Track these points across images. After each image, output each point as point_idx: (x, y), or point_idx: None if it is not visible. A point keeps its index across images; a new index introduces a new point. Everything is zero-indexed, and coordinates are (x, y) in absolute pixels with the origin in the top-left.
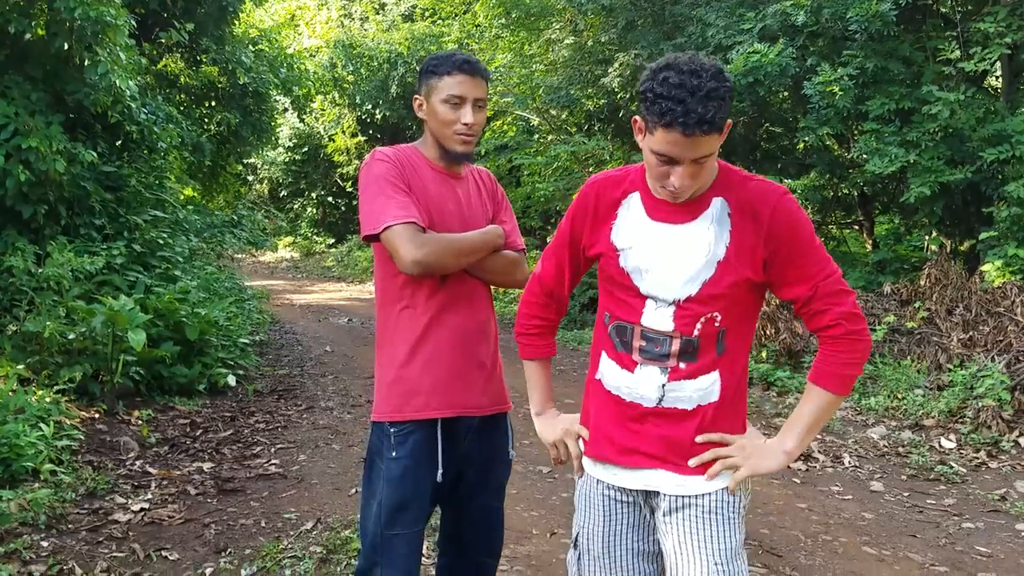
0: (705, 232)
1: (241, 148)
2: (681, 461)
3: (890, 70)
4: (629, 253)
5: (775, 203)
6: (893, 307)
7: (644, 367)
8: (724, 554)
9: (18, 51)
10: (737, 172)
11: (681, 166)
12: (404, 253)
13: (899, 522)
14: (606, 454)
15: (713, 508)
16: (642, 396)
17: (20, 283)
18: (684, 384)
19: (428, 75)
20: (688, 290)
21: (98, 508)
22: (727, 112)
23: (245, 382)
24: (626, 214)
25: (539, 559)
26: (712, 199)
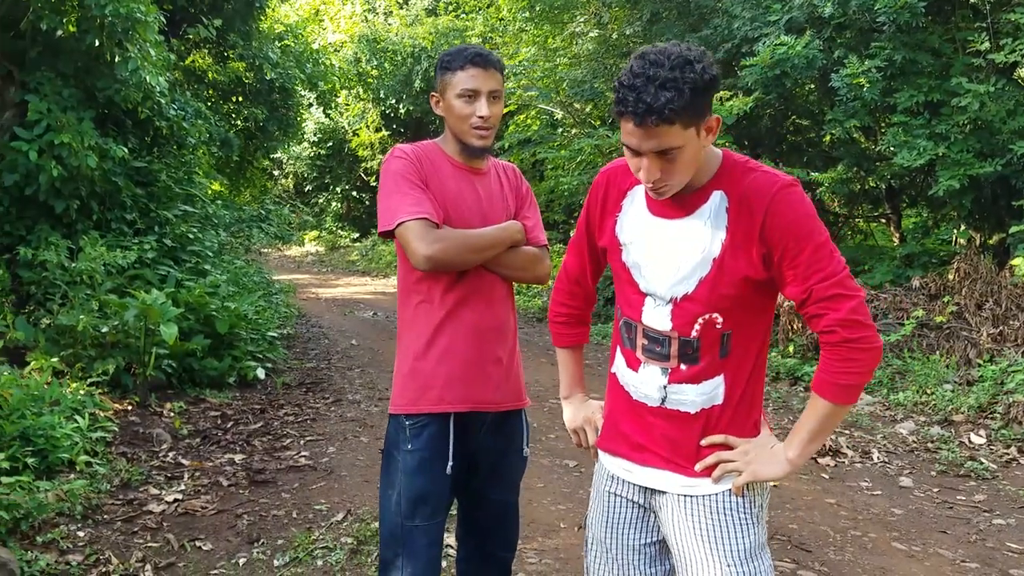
0: (701, 227)
1: (268, 143)
2: (686, 463)
3: (919, 62)
4: (630, 248)
5: (773, 195)
6: (921, 301)
7: (647, 366)
8: (737, 555)
9: (50, 48)
10: (741, 164)
11: (646, 158)
12: (416, 249)
13: (929, 518)
14: (617, 448)
15: (723, 508)
16: (646, 395)
17: (53, 277)
18: (685, 387)
19: (442, 71)
20: (684, 288)
21: (133, 499)
22: (692, 104)
23: (274, 375)
24: (630, 207)
25: (567, 552)
26: (712, 193)
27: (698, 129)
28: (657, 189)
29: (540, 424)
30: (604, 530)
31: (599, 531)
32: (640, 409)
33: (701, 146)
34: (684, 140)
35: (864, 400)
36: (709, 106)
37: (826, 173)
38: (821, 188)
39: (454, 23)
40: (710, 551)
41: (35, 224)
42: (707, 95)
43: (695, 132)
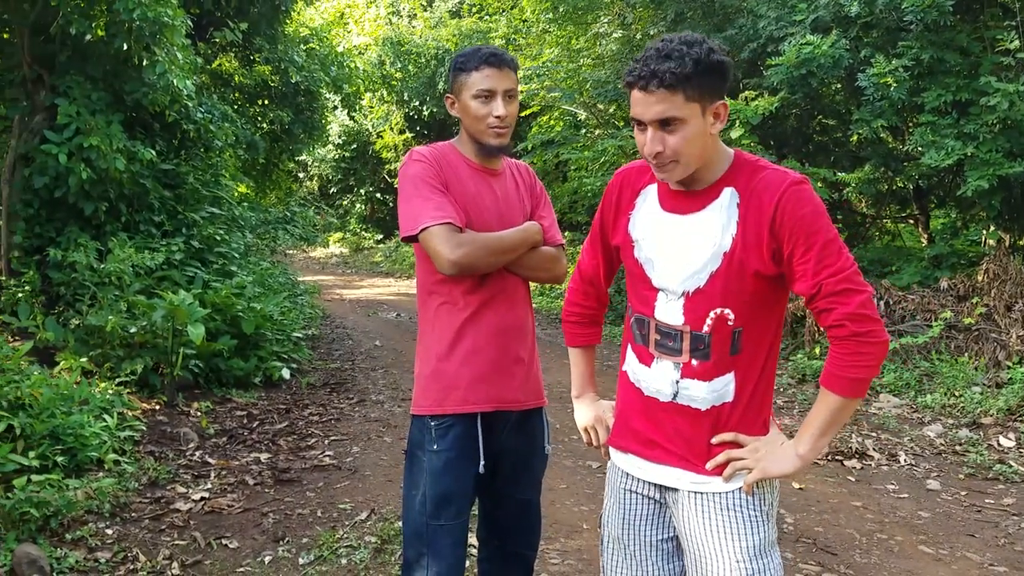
0: (712, 222)
1: (293, 145)
2: (697, 460)
3: (946, 61)
4: (642, 244)
5: (783, 191)
6: (950, 303)
7: (660, 361)
8: (747, 551)
9: (79, 52)
10: (752, 162)
11: (649, 130)
12: (441, 254)
13: (956, 521)
14: (628, 445)
15: (734, 505)
16: (658, 391)
17: (83, 278)
18: (696, 384)
19: (457, 72)
20: (695, 282)
21: (160, 497)
22: (694, 77)
23: (299, 375)
24: (643, 204)
25: (590, 552)
26: (723, 189)
27: (703, 108)
28: (660, 165)
29: (563, 425)
30: (620, 527)
31: (615, 528)
32: (652, 405)
33: (706, 129)
34: (686, 114)
35: (891, 402)
36: (717, 91)
37: (853, 173)
38: (848, 188)
39: (477, 25)
40: (721, 547)
41: (65, 226)
42: (713, 76)
43: (699, 110)
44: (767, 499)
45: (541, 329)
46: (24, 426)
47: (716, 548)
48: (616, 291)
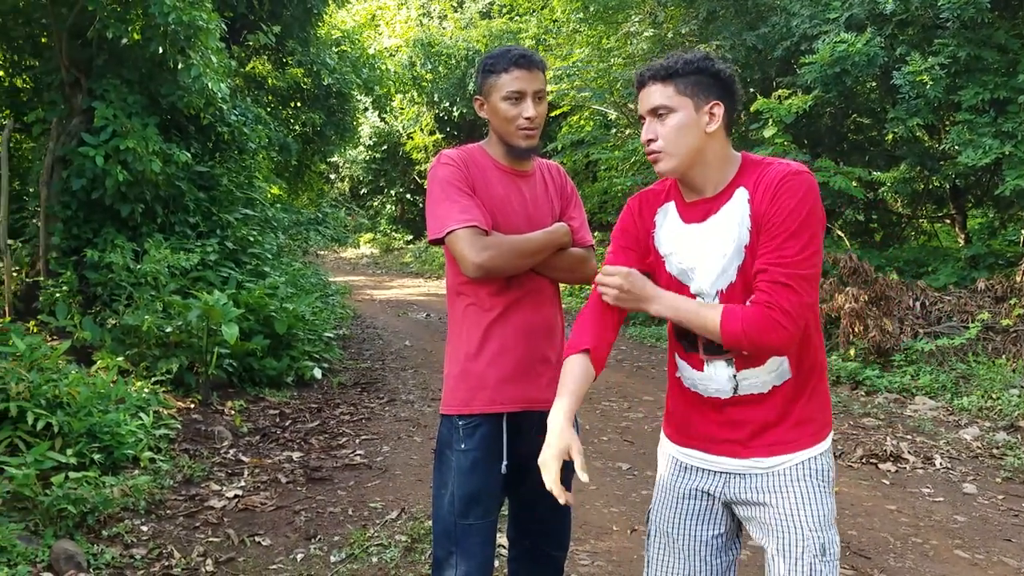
0: (729, 221)
1: (325, 147)
2: (758, 441)
3: (984, 58)
4: (671, 259)
5: (782, 177)
6: (987, 304)
7: (712, 363)
8: (819, 521)
9: (116, 56)
10: (758, 161)
11: (646, 121)
12: (466, 257)
13: (993, 525)
14: (693, 442)
15: (801, 477)
16: (717, 390)
17: (119, 279)
18: (754, 371)
19: (486, 74)
20: (727, 279)
21: (195, 494)
22: (686, 73)
23: (330, 375)
24: (663, 222)
25: (620, 555)
26: (735, 190)
27: (696, 104)
28: (653, 155)
29: (592, 426)
30: (670, 522)
31: (664, 523)
32: (714, 403)
33: (700, 126)
34: (676, 104)
35: (927, 405)
36: (710, 91)
37: (888, 172)
38: (883, 188)
39: (508, 25)
40: (794, 520)
41: (101, 227)
42: (704, 75)
43: (691, 105)
44: (829, 474)
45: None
46: (62, 424)
47: (790, 524)
48: None
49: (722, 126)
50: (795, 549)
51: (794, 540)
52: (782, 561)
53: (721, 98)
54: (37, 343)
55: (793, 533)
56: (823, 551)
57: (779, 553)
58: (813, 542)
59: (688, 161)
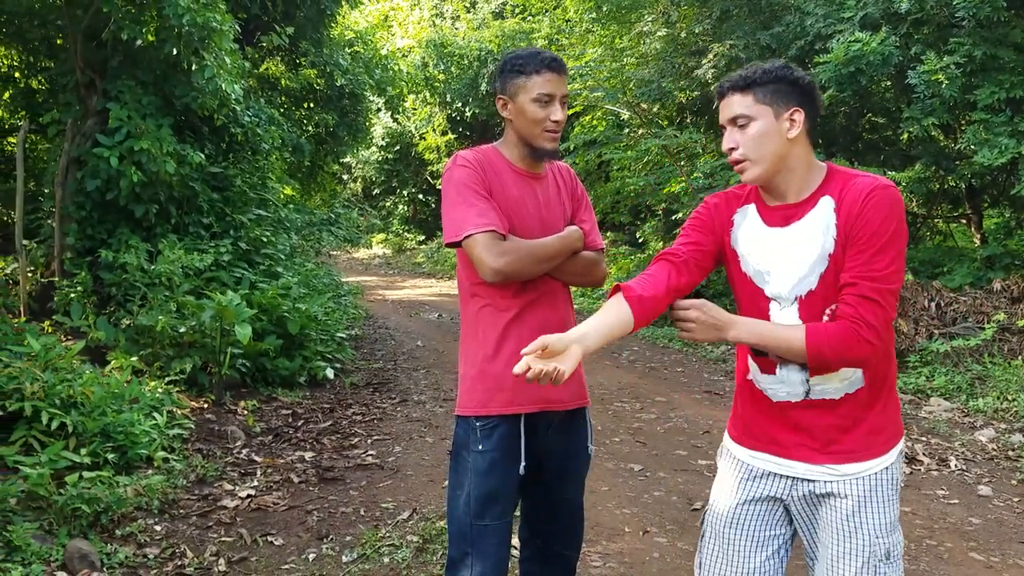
0: (815, 228)
1: (338, 148)
2: (834, 448)
3: (1000, 57)
4: (748, 258)
5: (871, 190)
6: (1003, 304)
7: (784, 367)
8: (883, 528)
9: (130, 57)
10: (845, 172)
11: (726, 130)
12: (484, 262)
13: (1009, 528)
14: (763, 445)
15: (872, 487)
16: (788, 393)
17: (133, 279)
18: (827, 378)
19: (514, 74)
20: (807, 286)
21: (208, 494)
22: (765, 82)
23: (342, 375)
24: (742, 222)
25: (632, 556)
26: (820, 198)
27: (775, 112)
28: (737, 164)
29: (604, 427)
30: (729, 523)
31: (721, 524)
32: (784, 407)
33: (781, 132)
34: (756, 113)
35: (942, 406)
36: (789, 98)
37: (904, 172)
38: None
39: (520, 26)
40: (860, 525)
41: (116, 228)
42: (783, 83)
43: (771, 112)
44: (896, 480)
45: None
46: (76, 424)
47: (856, 529)
48: None
49: (804, 132)
50: (862, 553)
51: (860, 544)
52: (848, 563)
53: (801, 104)
54: (52, 343)
55: (861, 538)
56: (888, 555)
57: (845, 555)
58: (880, 547)
59: (773, 168)
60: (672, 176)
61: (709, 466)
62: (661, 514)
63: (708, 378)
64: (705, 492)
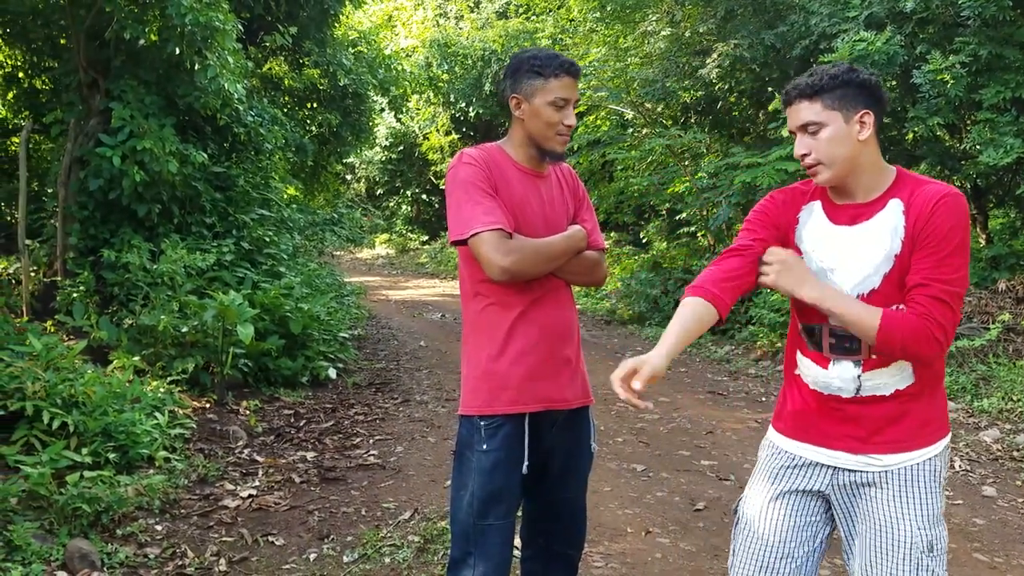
0: (883, 229)
1: (341, 148)
2: (879, 438)
3: (1006, 57)
4: (813, 255)
5: (941, 196)
6: (1008, 305)
7: (837, 363)
8: (926, 519)
9: (133, 57)
10: (915, 177)
11: (797, 136)
12: (491, 261)
13: (1013, 529)
14: (810, 437)
15: (914, 478)
16: (840, 389)
17: (136, 279)
18: (879, 373)
19: (531, 76)
20: (870, 284)
21: (209, 494)
22: (832, 87)
23: (345, 375)
24: (807, 219)
25: (634, 556)
26: (889, 200)
27: (845, 116)
28: (810, 168)
29: (607, 427)
30: (765, 513)
31: (757, 513)
32: (834, 402)
33: (852, 135)
34: (826, 119)
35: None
36: (857, 101)
37: None
38: None
39: (524, 25)
40: (902, 517)
41: (118, 227)
42: (850, 87)
43: (840, 117)
44: (942, 472)
45: (586, 331)
46: (77, 423)
47: (897, 520)
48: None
49: (873, 133)
50: (903, 545)
51: (902, 536)
52: (889, 555)
53: (869, 106)
54: (53, 343)
55: (902, 530)
56: (930, 548)
57: (886, 547)
58: (922, 539)
59: (845, 170)
60: (676, 176)
61: (712, 467)
62: (663, 515)
63: (712, 379)
64: (708, 493)
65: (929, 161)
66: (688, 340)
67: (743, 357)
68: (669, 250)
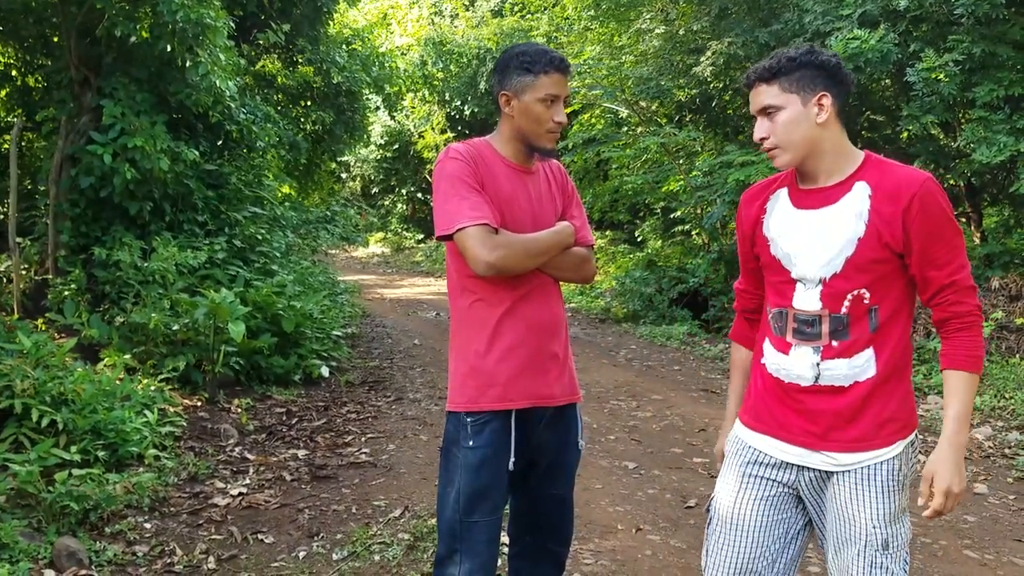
0: (846, 213)
1: (335, 146)
2: (836, 436)
3: (999, 55)
4: (779, 242)
5: (921, 184)
6: (1001, 303)
7: (798, 348)
8: (883, 518)
9: (124, 54)
10: (882, 161)
11: (757, 120)
12: (477, 256)
13: (1004, 526)
14: (767, 428)
15: (868, 477)
16: (799, 376)
17: (127, 277)
18: (837, 362)
19: (521, 72)
20: (832, 268)
21: (199, 492)
22: (788, 70)
23: (338, 373)
24: (774, 207)
25: (624, 553)
26: (854, 184)
27: (803, 98)
28: (769, 152)
29: (600, 425)
30: (734, 507)
31: (727, 509)
32: (792, 390)
33: (810, 117)
34: (783, 102)
35: (939, 404)
36: (815, 83)
37: None
38: None
39: (519, 23)
40: (857, 515)
41: (110, 225)
42: (807, 69)
43: (799, 100)
44: (903, 471)
45: (580, 329)
46: (67, 421)
47: (853, 516)
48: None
49: (833, 115)
50: (859, 541)
51: (858, 532)
52: (846, 548)
53: (828, 88)
54: (43, 340)
55: (859, 525)
56: (885, 545)
57: (844, 540)
58: (876, 537)
59: (803, 152)
60: (671, 174)
61: (704, 464)
62: (654, 512)
63: (705, 376)
64: (699, 490)
65: (923, 159)
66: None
67: None
68: (663, 248)
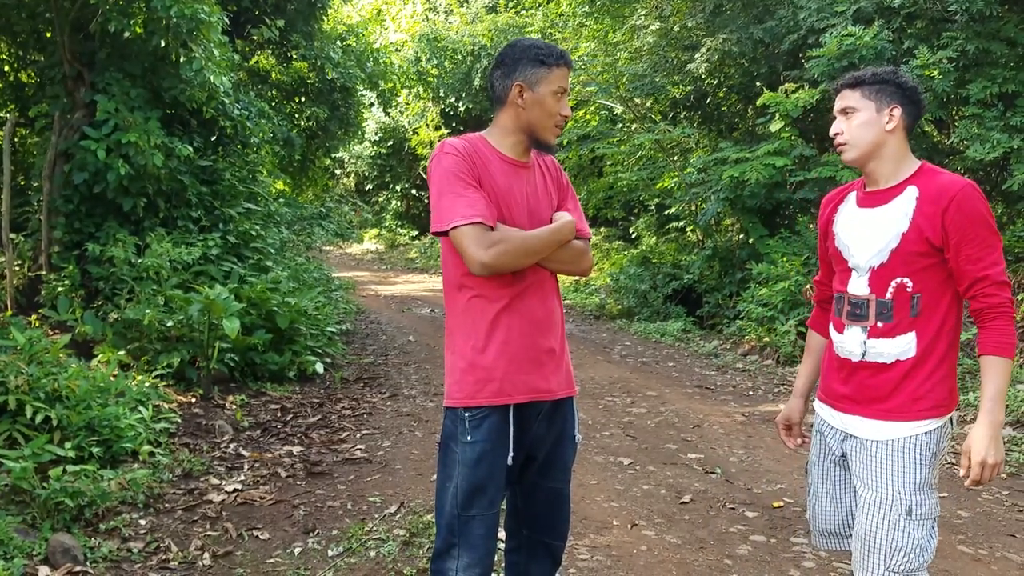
0: (896, 210)
1: (329, 142)
2: (878, 405)
3: (992, 52)
4: (841, 235)
5: (960, 187)
6: None
7: (850, 328)
8: (908, 486)
9: (118, 49)
10: (934, 169)
11: (837, 118)
12: (472, 255)
13: (997, 521)
14: (827, 398)
15: (900, 448)
16: (850, 352)
17: (121, 273)
18: (882, 342)
19: (534, 64)
20: (880, 258)
21: (193, 488)
22: (871, 82)
23: (332, 369)
24: (843, 207)
25: (619, 549)
26: (907, 187)
27: (878, 107)
28: (838, 146)
29: (595, 421)
30: (814, 465)
31: (812, 467)
32: (845, 364)
33: (880, 123)
34: (860, 106)
35: None
36: (891, 97)
37: None
38: None
39: (513, 19)
40: (888, 482)
41: (104, 221)
42: (887, 84)
43: (874, 107)
44: (932, 448)
45: (575, 325)
46: (61, 417)
47: (884, 482)
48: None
49: (900, 127)
50: (884, 505)
51: (884, 497)
52: (874, 513)
53: (901, 103)
54: (37, 336)
55: (885, 491)
56: (909, 511)
57: (873, 505)
58: (901, 502)
59: (868, 153)
60: (665, 171)
61: (699, 460)
62: (649, 507)
63: (700, 373)
64: (694, 486)
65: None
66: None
67: (731, 351)
68: (658, 245)
